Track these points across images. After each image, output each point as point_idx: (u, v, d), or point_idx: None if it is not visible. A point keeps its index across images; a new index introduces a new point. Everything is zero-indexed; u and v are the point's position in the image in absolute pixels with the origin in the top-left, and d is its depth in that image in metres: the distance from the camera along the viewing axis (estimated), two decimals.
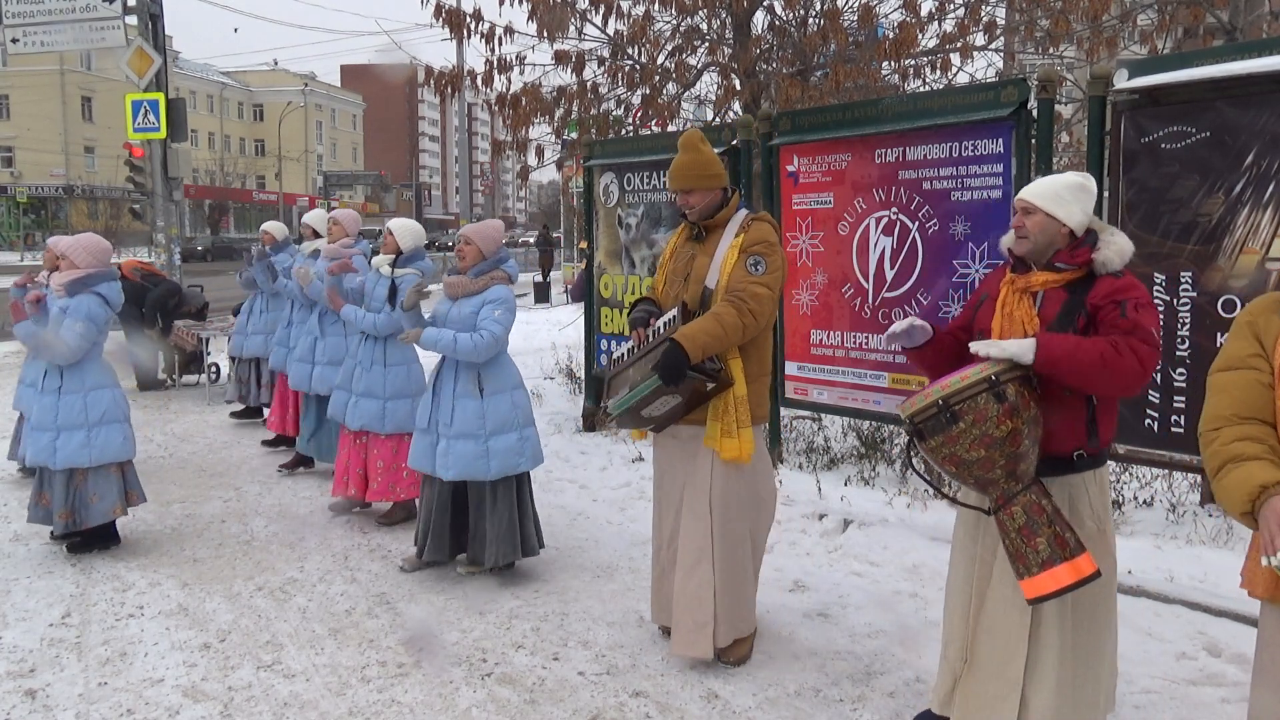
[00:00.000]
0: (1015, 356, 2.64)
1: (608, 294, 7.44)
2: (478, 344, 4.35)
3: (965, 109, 4.90)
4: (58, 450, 4.76)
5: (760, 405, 3.64)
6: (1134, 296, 2.66)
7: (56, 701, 3.46)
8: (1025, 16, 9.06)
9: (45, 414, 4.81)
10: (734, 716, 3.32)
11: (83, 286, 4.84)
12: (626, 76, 9.29)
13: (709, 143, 3.74)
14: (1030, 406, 2.66)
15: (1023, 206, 2.80)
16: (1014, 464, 2.67)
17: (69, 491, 4.86)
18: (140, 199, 14.81)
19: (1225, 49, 4.43)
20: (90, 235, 5.13)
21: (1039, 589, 2.66)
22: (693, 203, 3.64)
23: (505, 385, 4.56)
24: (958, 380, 2.67)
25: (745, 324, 3.44)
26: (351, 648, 3.88)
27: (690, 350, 3.35)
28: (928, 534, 4.90)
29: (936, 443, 2.70)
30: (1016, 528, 2.69)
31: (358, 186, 69.10)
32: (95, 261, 4.93)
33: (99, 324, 4.85)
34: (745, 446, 3.51)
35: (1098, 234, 2.78)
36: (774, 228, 3.67)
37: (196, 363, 9.90)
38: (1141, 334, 2.60)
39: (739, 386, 3.50)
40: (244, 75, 71.58)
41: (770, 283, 3.51)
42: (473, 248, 4.53)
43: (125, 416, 5.00)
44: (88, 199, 53.36)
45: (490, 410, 4.47)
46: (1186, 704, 3.37)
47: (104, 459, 4.84)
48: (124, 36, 13.48)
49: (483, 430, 4.45)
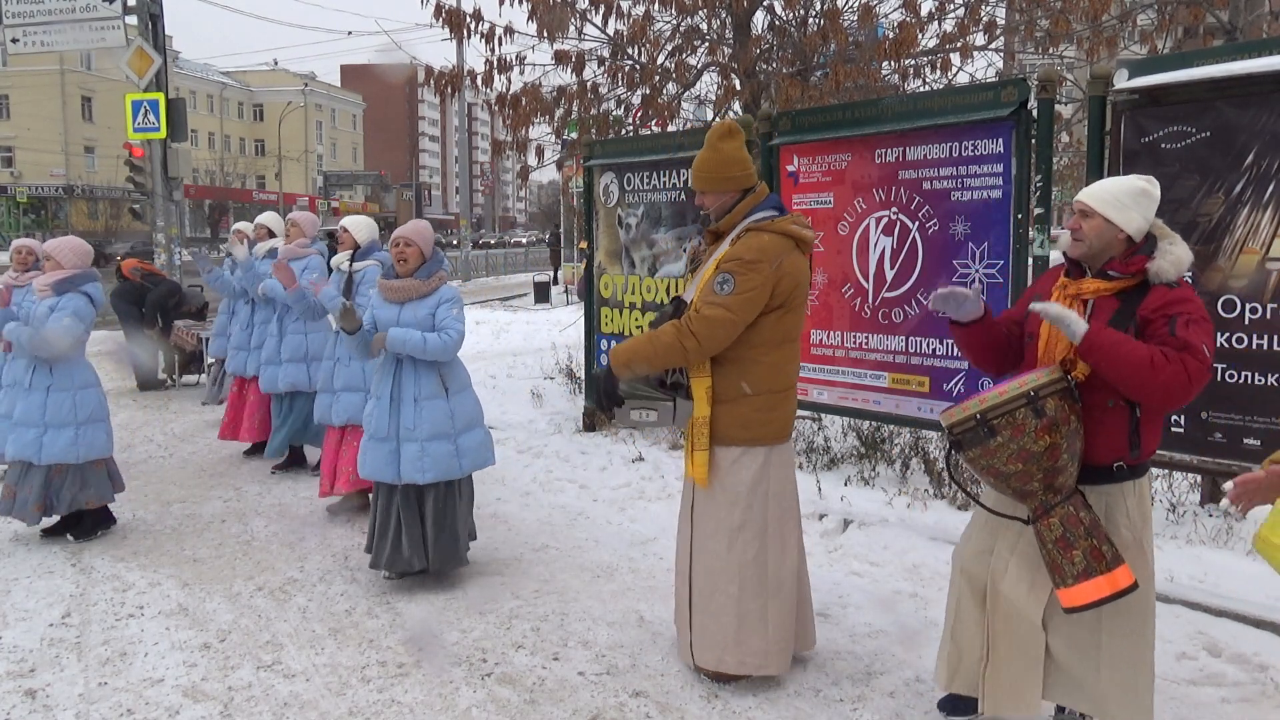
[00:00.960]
0: (1067, 322, 2.60)
1: (608, 294, 7.44)
2: (447, 343, 4.33)
3: (965, 109, 4.90)
4: (44, 446, 4.93)
5: (745, 427, 3.34)
6: (1185, 312, 2.58)
7: (56, 701, 3.46)
8: (1025, 16, 9.06)
9: (32, 410, 4.95)
10: (734, 716, 3.32)
11: (70, 286, 5.03)
12: (626, 76, 9.29)
13: (736, 137, 3.39)
14: (1070, 421, 2.64)
15: (1081, 209, 2.72)
16: (1052, 477, 2.66)
17: (46, 485, 5.02)
18: (140, 199, 14.83)
19: (1225, 49, 4.43)
20: (72, 238, 5.31)
21: (1076, 599, 2.66)
22: (707, 203, 3.43)
23: (466, 383, 4.60)
24: (996, 395, 2.67)
25: (686, 347, 3.21)
26: (351, 648, 3.88)
27: (614, 363, 3.28)
28: (928, 534, 4.90)
29: (974, 454, 2.71)
30: (1054, 539, 2.68)
31: (358, 186, 69.13)
32: (80, 262, 5.13)
33: (86, 322, 5.03)
34: (698, 469, 3.35)
35: (1157, 241, 2.71)
36: (780, 239, 3.28)
37: (196, 363, 9.90)
38: (1193, 351, 2.52)
39: (699, 407, 3.33)
40: (244, 75, 71.57)
41: (732, 305, 3.18)
42: (414, 249, 4.45)
43: (108, 414, 5.22)
44: (88, 199, 53.35)
45: (457, 408, 4.48)
46: (1186, 704, 3.36)
47: (90, 456, 5.05)
48: (124, 36, 13.49)
49: (453, 429, 4.44)
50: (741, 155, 3.37)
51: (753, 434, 3.37)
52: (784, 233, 3.30)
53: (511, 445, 7.17)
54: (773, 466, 3.43)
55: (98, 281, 5.18)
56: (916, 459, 6.01)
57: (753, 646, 3.40)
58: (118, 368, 10.40)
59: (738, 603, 3.38)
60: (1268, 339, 3.92)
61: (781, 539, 3.45)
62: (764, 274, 3.21)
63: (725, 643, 3.41)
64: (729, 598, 3.39)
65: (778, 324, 3.32)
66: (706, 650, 3.46)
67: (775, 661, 3.44)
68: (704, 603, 3.45)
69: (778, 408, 3.40)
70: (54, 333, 4.88)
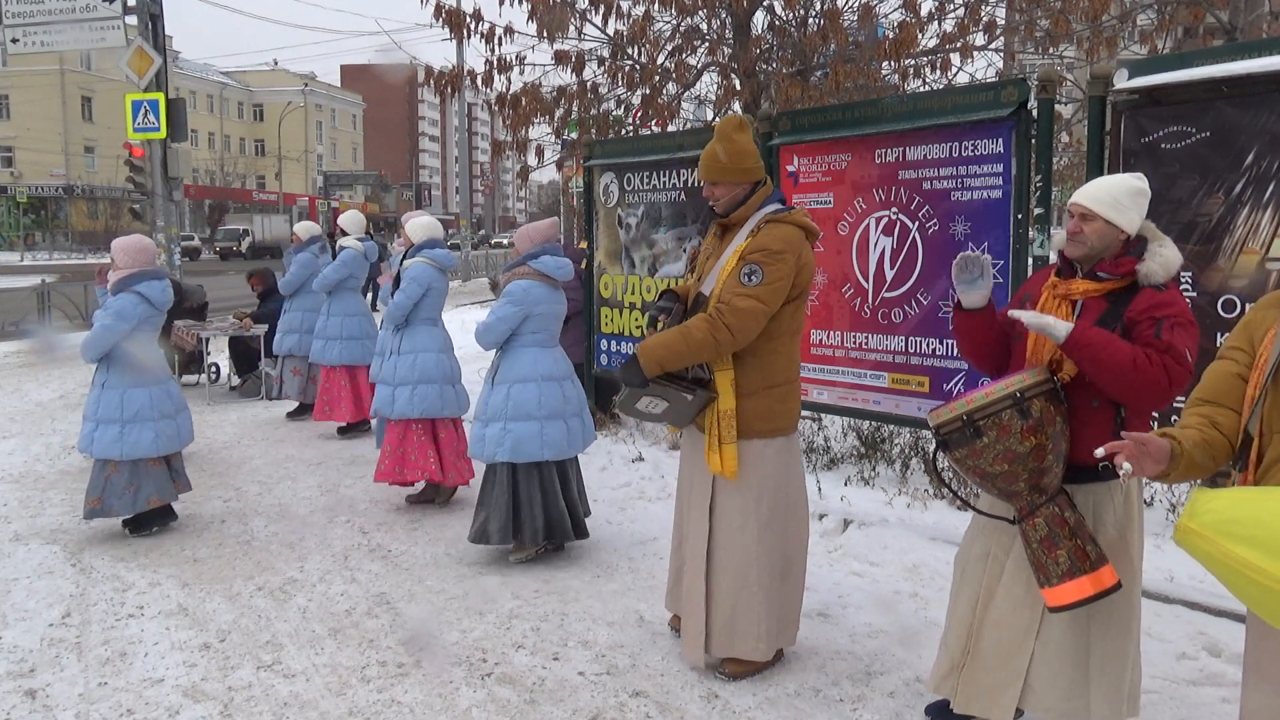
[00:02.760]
0: (1049, 329, 2.63)
1: (608, 294, 7.44)
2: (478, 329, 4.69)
3: (965, 109, 4.90)
4: (95, 441, 5.04)
5: (768, 419, 3.40)
6: (1171, 314, 2.60)
7: (56, 701, 3.46)
8: (1025, 16, 9.06)
9: (90, 405, 5.12)
10: (734, 716, 3.32)
11: (124, 286, 5.06)
12: (626, 76, 9.30)
13: (747, 130, 3.43)
14: (1055, 422, 2.66)
15: (1080, 212, 2.72)
16: (1038, 477, 2.68)
17: (102, 479, 5.10)
18: (140, 199, 14.82)
19: (1225, 49, 4.42)
20: (132, 237, 5.31)
21: (1060, 599, 2.67)
22: (717, 195, 3.42)
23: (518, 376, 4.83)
24: (982, 396, 2.69)
25: (719, 339, 3.24)
26: (351, 648, 3.88)
27: (645, 363, 3.28)
28: (928, 534, 4.90)
29: (961, 454, 2.73)
30: (1039, 539, 2.70)
31: (358, 186, 69.06)
32: (133, 261, 5.15)
33: (128, 319, 5.00)
34: (728, 463, 3.36)
35: (1147, 242, 2.72)
36: (798, 230, 3.34)
37: (196, 363, 9.90)
38: (1176, 355, 2.54)
39: (725, 400, 3.34)
40: (244, 75, 71.55)
41: (763, 295, 3.23)
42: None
43: (163, 414, 5.17)
44: (88, 199, 53.35)
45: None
46: (1186, 704, 3.37)
47: (135, 454, 5.06)
48: (124, 36, 13.48)
49: None
50: (754, 148, 3.43)
51: (775, 425, 3.43)
52: (800, 224, 3.38)
53: None
54: (789, 454, 3.53)
55: (155, 280, 5.12)
56: (916, 459, 6.02)
57: (775, 630, 3.51)
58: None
59: (766, 592, 3.45)
60: None
61: (797, 525, 3.57)
62: (789, 264, 3.28)
63: (758, 633, 3.46)
64: (760, 588, 3.44)
65: (794, 315, 3.40)
66: (737, 642, 3.48)
67: (786, 635, 3.59)
68: (730, 597, 3.47)
69: (792, 397, 3.51)
70: (92, 333, 4.97)
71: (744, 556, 3.44)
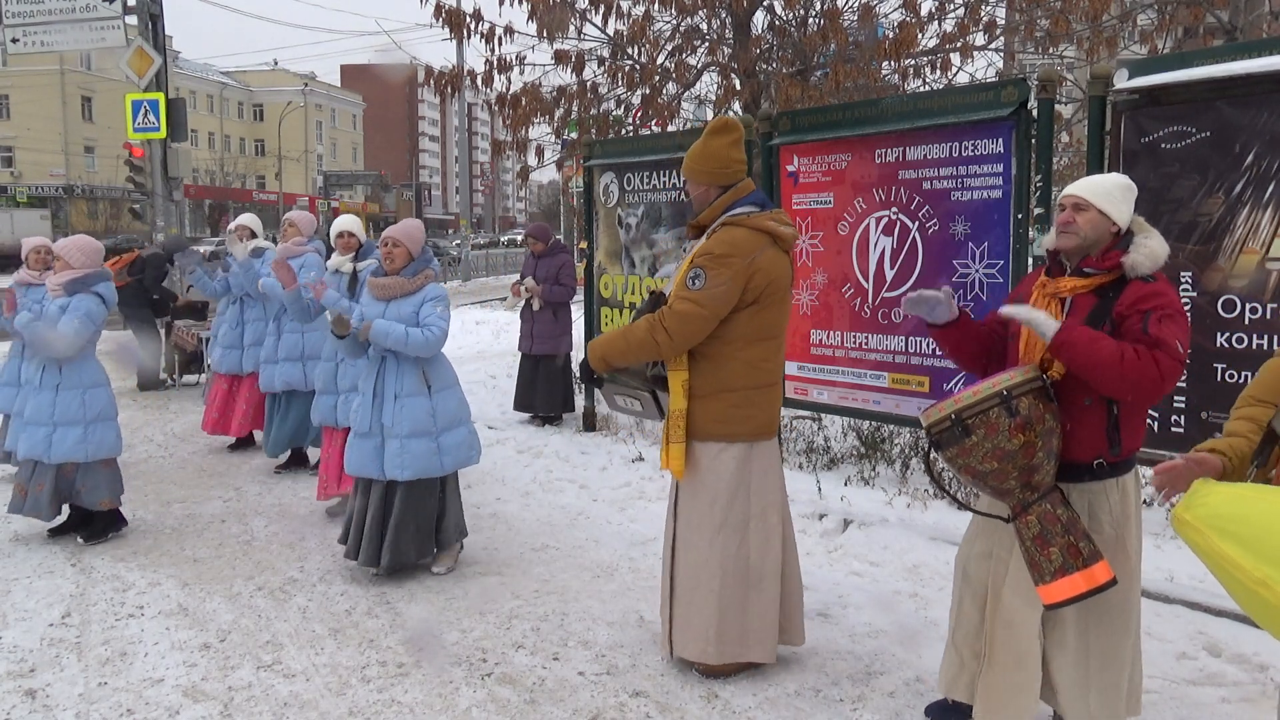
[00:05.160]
0: (1038, 324, 2.64)
1: (608, 294, 7.45)
2: (428, 339, 4.38)
3: (965, 109, 4.90)
4: (53, 445, 4.94)
5: (724, 422, 3.33)
6: (1159, 307, 2.60)
7: (56, 701, 3.46)
8: (1025, 16, 9.06)
9: (42, 409, 4.97)
10: (734, 716, 3.32)
11: (82, 286, 5.01)
12: (626, 76, 9.30)
13: (728, 134, 3.35)
14: (1044, 420, 2.66)
15: (1074, 203, 2.74)
16: (1028, 475, 2.68)
17: (58, 483, 5.04)
18: (140, 199, 14.84)
19: (1225, 49, 4.42)
20: (82, 236, 5.28)
21: (1054, 595, 2.68)
22: (691, 195, 3.43)
23: (450, 381, 4.64)
24: (970, 395, 2.70)
25: (659, 341, 3.22)
26: (351, 648, 3.88)
27: (591, 359, 3.34)
28: (928, 534, 4.90)
29: (952, 454, 2.74)
30: (1031, 536, 2.70)
31: (358, 186, 69.01)
32: (89, 261, 5.11)
33: (96, 322, 5.01)
34: (674, 461, 3.35)
35: (1133, 235, 2.74)
36: (755, 234, 3.25)
37: (196, 363, 9.91)
38: (1165, 348, 2.54)
39: (675, 400, 3.33)
40: (244, 75, 71.48)
41: (702, 299, 3.18)
42: (402, 249, 4.52)
43: (116, 414, 5.20)
44: (88, 199, 53.30)
45: (440, 406, 4.53)
46: (1186, 704, 3.37)
47: (99, 454, 5.04)
48: (124, 36, 13.50)
49: (434, 427, 4.49)
50: (725, 152, 3.34)
51: (731, 429, 3.36)
52: (759, 228, 3.28)
53: (511, 445, 7.18)
54: (754, 462, 3.42)
55: (109, 280, 5.16)
56: (916, 459, 6.02)
57: (731, 637, 3.44)
58: (119, 367, 10.39)
59: (719, 597, 3.40)
60: (1268, 339, 3.92)
61: (764, 533, 3.45)
62: (734, 268, 3.19)
63: (707, 636, 3.43)
64: (711, 592, 3.41)
65: (752, 320, 3.30)
66: (689, 643, 3.50)
67: (757, 649, 3.47)
68: (686, 596, 3.48)
69: (756, 404, 3.39)
70: (63, 334, 4.90)
71: (697, 558, 3.44)
